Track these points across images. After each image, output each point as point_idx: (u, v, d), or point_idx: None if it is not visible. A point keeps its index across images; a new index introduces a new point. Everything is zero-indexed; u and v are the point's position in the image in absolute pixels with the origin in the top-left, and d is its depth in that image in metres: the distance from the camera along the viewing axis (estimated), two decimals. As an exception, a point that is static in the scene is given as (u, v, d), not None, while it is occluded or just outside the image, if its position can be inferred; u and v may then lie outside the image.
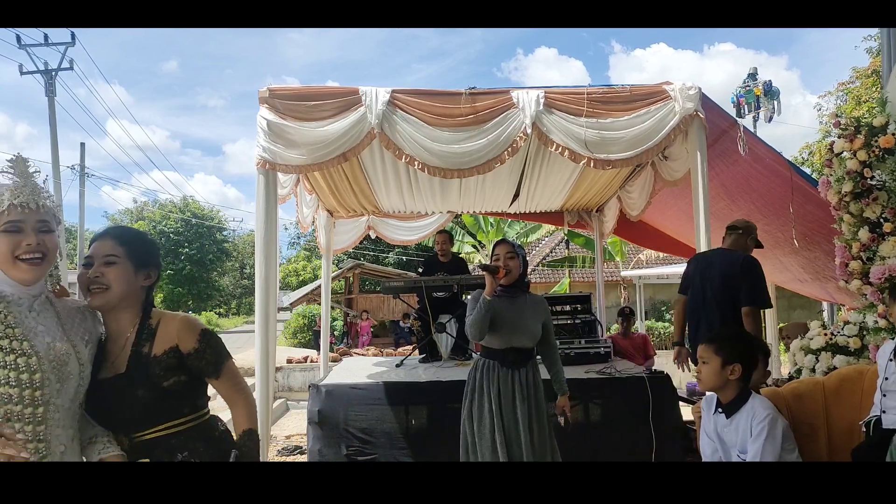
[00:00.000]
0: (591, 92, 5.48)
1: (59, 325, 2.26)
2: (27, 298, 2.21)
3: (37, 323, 2.19)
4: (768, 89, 20.57)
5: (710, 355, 3.41)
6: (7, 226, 2.14)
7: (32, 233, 2.16)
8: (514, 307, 4.43)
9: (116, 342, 2.41)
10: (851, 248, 5.17)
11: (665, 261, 20.26)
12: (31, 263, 2.16)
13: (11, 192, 2.15)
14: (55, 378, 2.15)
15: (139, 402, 2.29)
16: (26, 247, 2.14)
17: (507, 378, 4.36)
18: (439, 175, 5.62)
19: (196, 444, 2.37)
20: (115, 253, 2.37)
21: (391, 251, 39.63)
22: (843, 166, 5.16)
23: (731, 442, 3.41)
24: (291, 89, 5.48)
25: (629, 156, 5.52)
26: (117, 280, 2.35)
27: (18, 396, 2.05)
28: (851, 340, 5.11)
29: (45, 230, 2.20)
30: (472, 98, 5.44)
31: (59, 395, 2.17)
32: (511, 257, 4.44)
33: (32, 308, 2.21)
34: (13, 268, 2.15)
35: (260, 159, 5.35)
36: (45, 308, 2.26)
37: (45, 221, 2.21)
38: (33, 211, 2.17)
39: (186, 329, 2.42)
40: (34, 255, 2.16)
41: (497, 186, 8.51)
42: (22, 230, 2.15)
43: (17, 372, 2.06)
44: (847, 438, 3.89)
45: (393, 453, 5.66)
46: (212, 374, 2.45)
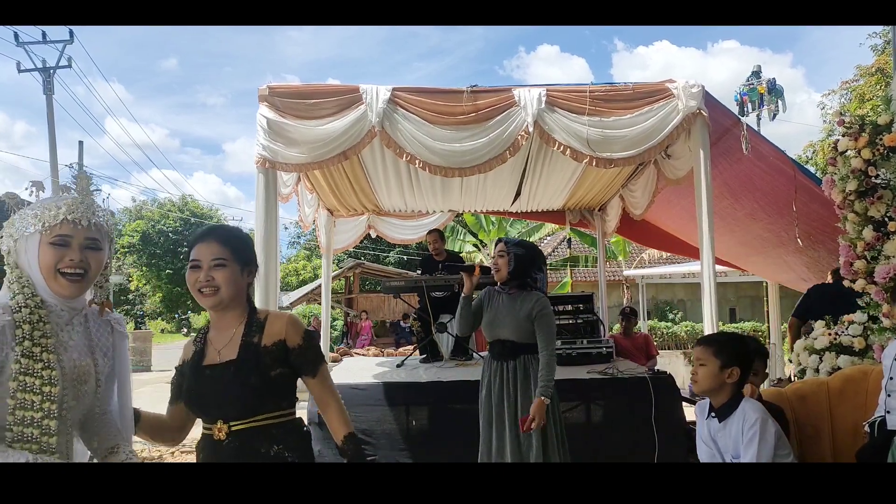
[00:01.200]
0: (594, 90, 5.47)
1: (88, 342, 2.31)
2: (68, 311, 2.26)
3: (69, 338, 2.24)
4: (772, 87, 20.56)
5: (708, 357, 3.38)
6: (56, 239, 2.17)
7: (78, 249, 2.20)
8: (507, 302, 4.61)
9: (223, 334, 2.52)
10: (856, 247, 5.17)
11: (668, 260, 20.25)
12: (70, 279, 2.19)
13: (68, 206, 2.19)
14: (72, 395, 2.19)
15: (250, 387, 2.38)
16: (69, 262, 2.18)
17: (498, 370, 4.57)
18: (440, 174, 5.62)
19: (291, 438, 2.46)
20: (222, 256, 2.46)
21: (392, 250, 39.63)
22: (848, 165, 5.15)
23: (725, 447, 3.40)
24: (291, 87, 5.49)
25: (632, 154, 5.52)
26: (227, 282, 2.45)
27: (39, 405, 2.07)
28: (856, 340, 5.10)
29: (93, 247, 2.24)
30: (474, 96, 5.44)
31: (72, 412, 2.21)
32: (500, 255, 4.62)
33: (70, 322, 2.26)
34: (54, 280, 2.19)
35: (260, 158, 5.35)
36: (80, 323, 2.31)
37: (95, 239, 2.25)
38: (84, 228, 2.21)
39: (293, 326, 2.53)
40: (76, 270, 2.19)
41: (498, 185, 8.51)
42: (69, 244, 2.19)
43: (41, 382, 2.08)
44: (851, 439, 3.88)
45: (393, 454, 5.65)
46: (310, 372, 2.53)
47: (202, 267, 2.44)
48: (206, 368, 2.46)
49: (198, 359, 2.50)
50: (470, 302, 4.62)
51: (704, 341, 3.50)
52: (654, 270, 20.36)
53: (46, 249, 2.17)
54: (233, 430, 2.39)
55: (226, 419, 2.39)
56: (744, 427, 3.28)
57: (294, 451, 2.43)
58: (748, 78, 20.98)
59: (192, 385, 2.47)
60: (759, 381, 3.88)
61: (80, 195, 2.27)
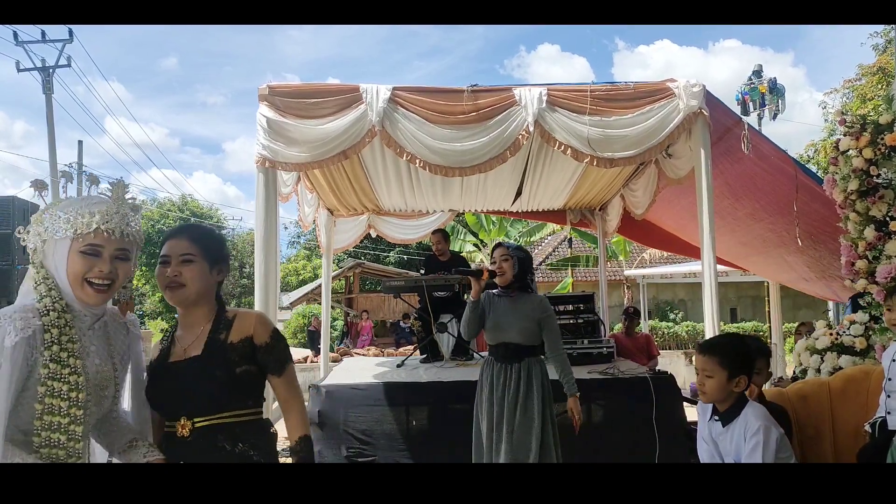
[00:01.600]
0: (595, 89, 5.47)
1: (107, 347, 2.33)
2: (90, 317, 2.28)
3: (91, 343, 2.25)
4: (773, 86, 20.57)
5: (714, 368, 3.32)
6: (87, 248, 2.17)
7: (109, 259, 2.20)
8: (510, 305, 4.65)
9: (190, 332, 2.51)
10: (857, 247, 5.18)
11: (669, 260, 20.26)
12: (97, 289, 2.20)
13: (102, 215, 2.19)
14: (94, 401, 2.21)
15: (215, 383, 2.38)
16: (98, 272, 2.19)
17: (501, 372, 4.59)
18: (441, 173, 5.62)
19: (256, 438, 2.45)
20: (191, 252, 2.45)
21: (392, 250, 39.59)
22: (849, 164, 5.16)
23: (726, 451, 3.38)
24: (291, 86, 5.49)
25: (632, 154, 5.52)
26: (193, 278, 2.44)
27: (66, 411, 2.09)
28: (857, 340, 5.10)
29: (122, 258, 2.25)
30: (474, 95, 5.44)
31: (93, 417, 2.24)
32: (504, 259, 4.66)
33: (91, 327, 2.28)
34: (80, 289, 2.19)
35: (259, 157, 5.35)
36: (100, 328, 2.33)
37: (125, 250, 2.26)
38: (116, 239, 2.22)
39: (261, 324, 2.52)
40: (103, 281, 2.20)
41: (499, 185, 8.51)
42: (99, 255, 2.19)
43: (69, 387, 2.10)
44: (853, 440, 3.89)
45: (393, 455, 5.65)
46: (276, 370, 2.51)
47: (170, 262, 2.44)
48: (171, 365, 2.45)
49: (164, 357, 2.49)
50: (478, 306, 4.61)
51: (708, 350, 3.40)
52: (654, 270, 20.36)
53: (76, 258, 2.17)
54: (196, 427, 2.37)
55: (189, 415, 2.38)
56: (746, 433, 3.26)
57: (259, 451, 2.42)
58: (749, 77, 21.00)
59: (156, 382, 2.46)
60: (761, 380, 3.88)
61: (115, 204, 2.26)
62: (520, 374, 4.52)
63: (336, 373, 7.35)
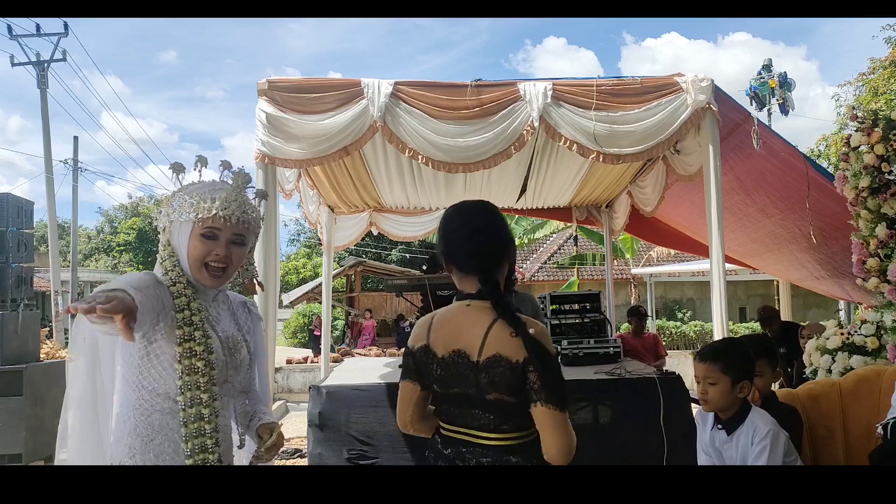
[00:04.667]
0: (601, 84, 5.47)
1: (232, 317, 2.56)
2: (212, 291, 2.48)
3: (217, 312, 2.48)
4: (783, 81, 20.55)
5: (717, 375, 3.29)
6: (206, 231, 2.35)
7: (225, 244, 2.38)
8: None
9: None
10: (869, 245, 5.17)
11: (676, 258, 20.25)
12: (213, 272, 2.38)
13: (221, 202, 2.35)
14: (231, 364, 2.43)
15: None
16: (215, 255, 2.36)
17: None
18: (444, 169, 5.62)
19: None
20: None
21: (394, 248, 39.63)
22: (861, 161, 5.16)
23: (731, 459, 3.36)
24: (291, 81, 5.49)
25: (639, 150, 5.51)
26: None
27: (203, 370, 2.27)
28: (869, 340, 5.10)
29: (238, 243, 2.42)
30: (478, 90, 5.44)
31: (234, 380, 2.47)
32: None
33: (216, 298, 2.51)
34: (198, 271, 2.37)
35: (259, 153, 5.35)
36: (223, 301, 2.55)
37: (241, 235, 2.43)
38: (234, 224, 2.38)
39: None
40: (220, 264, 2.37)
41: (503, 181, 8.51)
42: (217, 238, 2.36)
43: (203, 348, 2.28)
44: (865, 441, 3.88)
45: (395, 457, 5.66)
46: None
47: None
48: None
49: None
50: None
51: (710, 357, 3.36)
52: (662, 268, 20.36)
53: (196, 240, 2.35)
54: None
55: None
56: (753, 439, 3.25)
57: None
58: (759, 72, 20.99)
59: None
60: (765, 382, 3.86)
61: (235, 192, 2.41)
62: None
63: (337, 373, 7.34)
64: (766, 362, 3.85)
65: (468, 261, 2.44)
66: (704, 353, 3.40)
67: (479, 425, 2.27)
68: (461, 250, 2.47)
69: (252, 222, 2.46)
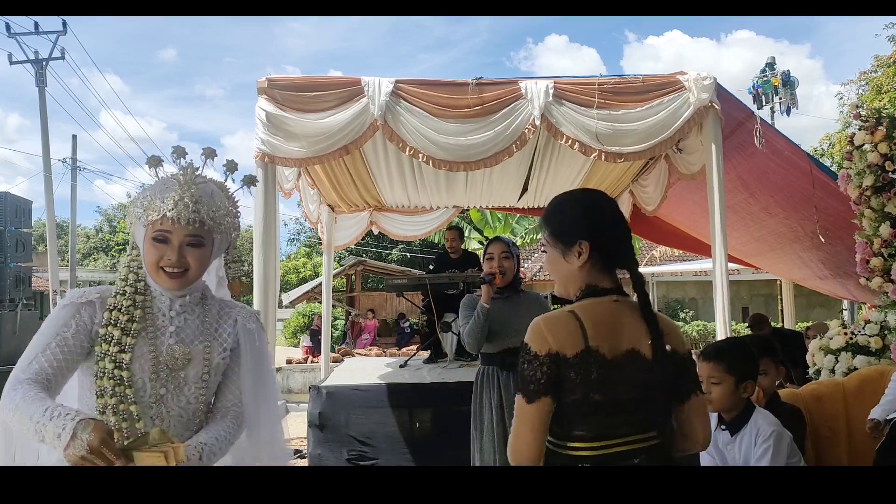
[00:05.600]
0: (603, 82, 5.47)
1: (201, 329, 2.33)
2: (173, 297, 2.30)
3: (169, 323, 2.28)
4: (786, 79, 20.53)
5: (721, 375, 3.27)
6: (157, 234, 2.21)
7: (177, 247, 2.21)
8: (508, 308, 4.43)
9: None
10: (872, 244, 5.17)
11: (679, 258, 20.27)
12: (170, 276, 2.22)
13: (172, 201, 2.19)
14: (170, 382, 2.23)
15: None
16: (167, 261, 2.21)
17: (509, 381, 4.33)
18: (445, 168, 5.62)
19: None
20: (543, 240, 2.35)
21: (394, 247, 39.59)
22: (864, 159, 5.16)
23: (734, 460, 3.35)
24: (291, 79, 5.49)
25: (642, 149, 5.51)
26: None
27: (112, 390, 2.13)
28: (872, 340, 5.10)
29: (195, 244, 2.24)
30: (479, 88, 5.43)
31: (172, 399, 2.25)
32: (506, 257, 4.47)
33: (173, 307, 2.30)
34: (157, 275, 2.24)
35: (258, 152, 5.35)
36: (189, 308, 2.34)
37: (197, 236, 2.24)
38: (184, 225, 2.20)
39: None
40: (174, 269, 2.22)
41: (505, 180, 8.51)
42: (168, 241, 2.21)
43: (114, 365, 2.14)
44: (869, 442, 3.88)
45: (396, 458, 5.66)
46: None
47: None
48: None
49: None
50: (489, 314, 4.36)
51: (714, 357, 3.33)
52: (665, 268, 20.38)
53: (149, 245, 2.22)
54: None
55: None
56: (756, 440, 3.25)
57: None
58: (762, 70, 20.97)
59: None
60: (768, 381, 3.86)
61: (181, 189, 2.23)
62: None
63: (337, 373, 7.37)
64: (771, 361, 3.85)
65: (624, 254, 2.28)
66: (708, 353, 3.39)
67: (635, 430, 2.11)
68: (620, 242, 2.28)
69: (210, 220, 2.25)
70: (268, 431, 2.43)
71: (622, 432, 2.08)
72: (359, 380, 6.27)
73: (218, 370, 2.35)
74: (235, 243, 2.50)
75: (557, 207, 2.35)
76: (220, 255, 2.48)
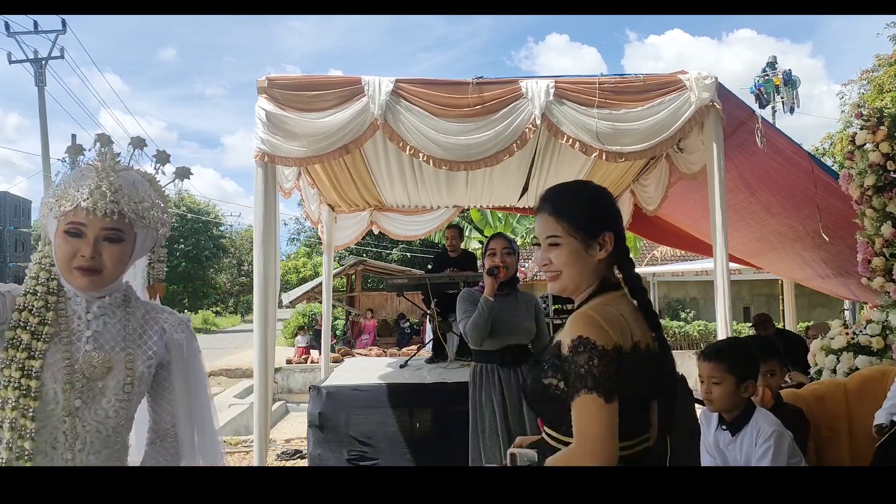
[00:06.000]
0: (603, 81, 5.46)
1: (122, 335, 2.13)
2: (86, 300, 2.09)
3: (86, 328, 2.07)
4: (788, 79, 20.53)
5: (722, 374, 3.26)
6: (70, 227, 2.00)
7: (92, 242, 2.00)
8: (507, 305, 4.51)
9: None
10: (874, 244, 5.17)
11: (680, 258, 20.27)
12: (84, 274, 2.01)
13: (86, 190, 1.99)
14: (85, 391, 2.02)
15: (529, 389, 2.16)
16: (80, 258, 2.00)
17: (510, 378, 4.43)
18: (445, 167, 5.61)
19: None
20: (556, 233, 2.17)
21: (395, 247, 39.62)
22: (866, 159, 5.16)
23: (735, 460, 3.35)
24: (291, 79, 5.48)
25: (643, 148, 5.50)
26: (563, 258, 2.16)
27: (14, 403, 1.92)
28: (874, 340, 5.10)
29: (113, 239, 2.03)
30: (480, 88, 5.43)
31: (89, 412, 2.04)
32: (508, 253, 4.56)
33: (90, 310, 2.09)
34: (69, 274, 2.03)
35: (258, 152, 5.34)
36: (109, 311, 2.13)
37: (115, 230, 2.03)
38: (101, 217, 1.99)
39: (569, 326, 2.07)
40: (88, 266, 2.01)
41: (505, 179, 8.51)
42: (82, 235, 2.01)
43: (21, 374, 1.93)
44: (870, 442, 3.88)
45: (396, 459, 5.66)
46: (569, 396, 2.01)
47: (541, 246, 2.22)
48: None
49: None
50: (493, 307, 4.39)
51: (715, 356, 3.32)
52: (665, 268, 20.38)
53: (61, 239, 2.01)
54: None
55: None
56: (758, 440, 3.25)
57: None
58: (764, 69, 20.96)
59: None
60: (776, 381, 3.87)
61: (99, 177, 2.02)
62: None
63: (337, 373, 7.36)
64: (777, 361, 3.86)
65: (626, 246, 2.22)
66: (708, 353, 3.39)
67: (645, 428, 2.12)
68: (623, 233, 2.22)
69: (132, 213, 2.05)
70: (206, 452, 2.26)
71: (639, 430, 2.09)
72: (359, 380, 6.27)
73: (142, 380, 2.15)
74: (163, 241, 2.27)
75: (572, 198, 2.23)
76: (144, 254, 2.25)
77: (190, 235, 51.92)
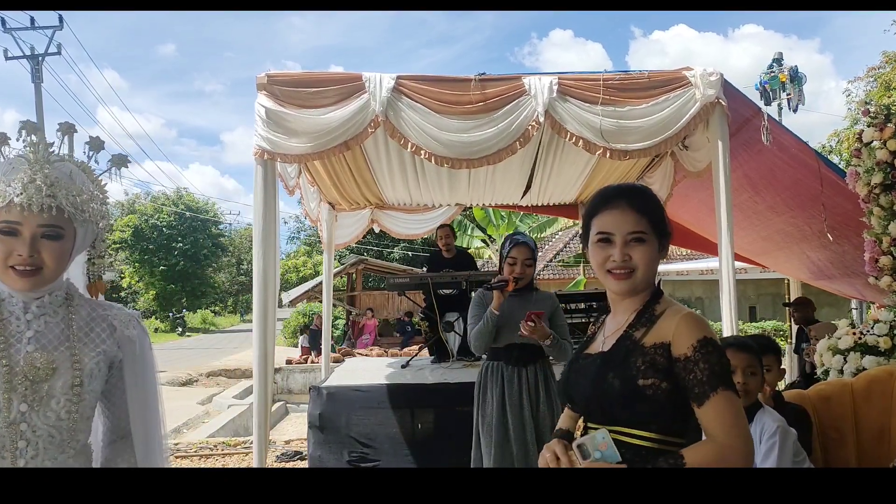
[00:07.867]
0: (607, 78, 5.45)
1: (66, 334, 2.03)
2: (24, 300, 2.00)
3: (26, 328, 1.98)
4: (794, 75, 20.46)
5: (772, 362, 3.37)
6: (2, 225, 1.90)
7: (29, 240, 1.90)
8: (519, 304, 4.50)
9: (614, 321, 2.25)
10: (881, 243, 5.16)
11: (686, 256, 20.27)
12: (22, 274, 1.92)
13: (19, 184, 1.89)
14: (23, 397, 1.92)
15: (612, 390, 2.05)
16: (17, 257, 1.90)
17: (513, 377, 4.47)
18: (447, 165, 5.61)
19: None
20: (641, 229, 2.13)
21: (396, 246, 39.62)
22: (873, 156, 5.15)
23: None
24: (291, 75, 5.48)
25: (647, 146, 5.49)
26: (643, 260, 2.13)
27: None
28: (881, 340, 5.08)
29: (50, 236, 1.93)
30: (482, 84, 5.42)
31: (37, 416, 1.95)
32: (528, 265, 4.52)
33: (28, 310, 2.00)
34: (4, 275, 1.93)
35: (258, 149, 5.34)
36: (50, 310, 2.04)
37: (53, 226, 1.93)
38: (37, 213, 1.89)
39: (685, 328, 2.03)
40: (25, 267, 1.91)
41: (508, 177, 8.50)
42: (18, 233, 1.90)
43: None
44: (877, 443, 3.89)
45: (398, 460, 5.66)
46: (694, 396, 1.97)
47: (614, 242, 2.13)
48: (585, 357, 2.22)
49: (585, 345, 2.28)
50: (498, 320, 4.42)
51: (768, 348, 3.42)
52: (671, 267, 20.33)
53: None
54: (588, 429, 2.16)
55: (597, 420, 2.12)
56: (762, 437, 3.27)
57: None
58: (770, 65, 20.90)
59: (569, 375, 2.25)
60: (773, 377, 3.88)
61: (32, 170, 1.92)
62: (537, 377, 4.45)
63: (338, 374, 7.37)
64: (774, 358, 3.88)
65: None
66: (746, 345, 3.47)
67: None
68: None
69: (70, 206, 1.94)
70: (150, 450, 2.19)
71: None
72: (359, 380, 6.27)
73: (93, 377, 2.05)
74: (104, 235, 2.16)
75: (650, 197, 2.25)
76: (84, 249, 2.15)
77: (188, 234, 51.89)
